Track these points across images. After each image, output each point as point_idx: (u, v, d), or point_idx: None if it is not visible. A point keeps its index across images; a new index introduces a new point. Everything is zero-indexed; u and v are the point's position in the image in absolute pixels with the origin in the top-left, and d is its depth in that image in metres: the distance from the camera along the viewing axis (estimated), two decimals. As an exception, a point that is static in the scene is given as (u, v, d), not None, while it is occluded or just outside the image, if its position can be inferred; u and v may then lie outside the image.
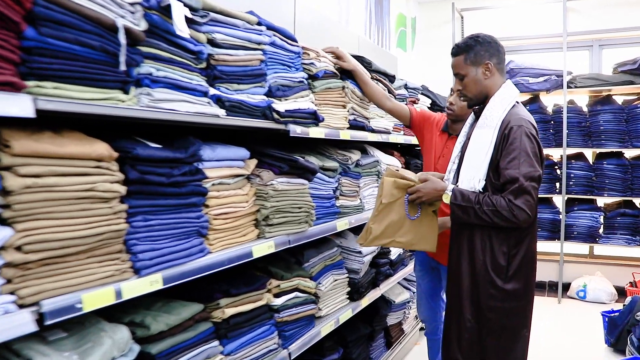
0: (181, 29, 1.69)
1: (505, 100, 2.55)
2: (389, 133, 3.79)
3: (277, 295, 2.51)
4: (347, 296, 3.24)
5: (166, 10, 1.70)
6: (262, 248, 2.28)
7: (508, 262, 2.50)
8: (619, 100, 6.32)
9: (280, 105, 2.39)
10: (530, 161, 2.38)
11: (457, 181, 2.68)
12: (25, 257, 1.34)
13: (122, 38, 1.49)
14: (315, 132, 2.68)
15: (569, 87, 6.28)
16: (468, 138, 2.69)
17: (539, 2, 6.90)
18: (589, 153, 6.67)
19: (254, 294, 2.33)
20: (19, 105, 1.28)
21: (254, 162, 2.34)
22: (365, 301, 3.43)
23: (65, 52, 1.41)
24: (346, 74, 3.06)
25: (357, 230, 3.63)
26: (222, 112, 2.02)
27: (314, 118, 2.64)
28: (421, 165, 4.30)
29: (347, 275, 3.22)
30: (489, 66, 2.58)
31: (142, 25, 1.62)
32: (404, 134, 4.24)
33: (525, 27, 6.99)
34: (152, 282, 1.72)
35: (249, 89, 2.23)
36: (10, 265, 1.32)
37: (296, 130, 2.50)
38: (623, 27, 6.52)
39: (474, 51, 2.58)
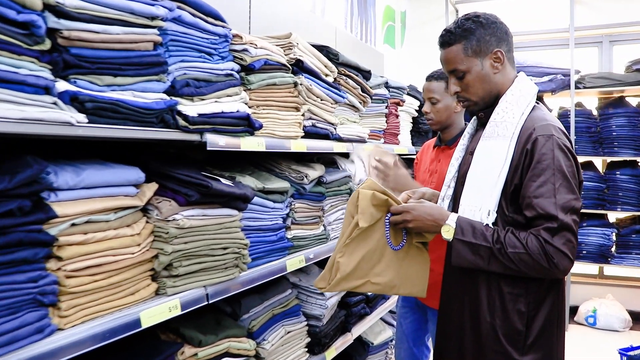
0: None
1: (522, 99, 1.86)
2: (364, 142, 3.10)
3: (194, 367, 1.83)
4: (306, 349, 2.55)
5: None
6: (159, 311, 1.59)
7: (527, 326, 1.79)
8: (633, 102, 5.68)
9: (191, 108, 1.70)
10: (568, 185, 1.70)
11: (453, 211, 1.98)
12: None
13: None
14: (250, 144, 1.98)
15: (576, 87, 5.64)
16: (469, 153, 2.00)
17: (541, -6, 6.26)
18: (600, 162, 6.02)
19: (154, 371, 1.65)
20: None
21: (153, 187, 1.66)
22: (331, 352, 2.74)
23: None
24: (299, 65, 2.36)
25: (321, 263, 2.95)
26: (79, 117, 1.33)
27: (247, 125, 1.95)
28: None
29: (305, 323, 2.53)
30: (499, 55, 1.89)
31: None
32: (385, 142, 3.56)
33: (528, 22, 6.32)
34: None
35: (134, 84, 1.54)
36: None
37: (218, 142, 1.81)
38: (636, 21, 5.84)
39: (476, 37, 1.87)
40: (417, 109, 4.20)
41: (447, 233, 1.84)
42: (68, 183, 1.39)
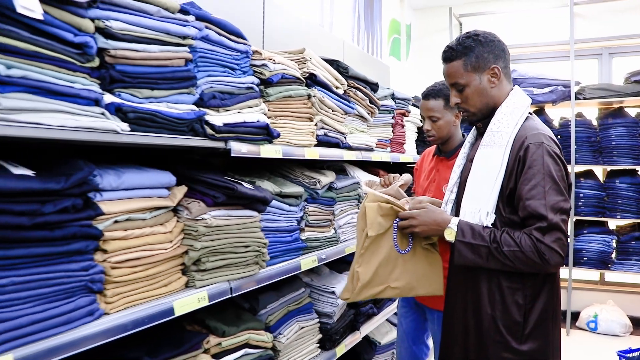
0: (25, 5, 1.18)
1: (516, 111, 2.04)
2: (372, 150, 3.27)
3: (217, 356, 1.99)
4: (318, 345, 2.71)
5: (12, -20, 1.19)
6: (190, 301, 1.76)
7: (524, 317, 1.95)
8: (632, 112, 5.79)
9: (217, 118, 1.88)
10: (557, 188, 1.88)
11: (456, 215, 2.15)
12: None
13: None
14: (269, 151, 2.16)
15: (577, 98, 5.76)
16: (469, 160, 2.18)
17: (543, 8, 6.41)
18: (600, 171, 6.14)
19: (181, 357, 1.81)
20: None
21: (183, 190, 1.83)
22: (341, 349, 2.89)
23: None
24: (312, 79, 2.53)
25: (333, 265, 3.12)
26: (123, 126, 1.51)
27: (267, 133, 2.13)
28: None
29: (317, 320, 2.68)
30: (496, 71, 2.07)
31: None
32: (392, 151, 3.72)
33: (529, 34, 6.50)
34: (-4, 369, 1.20)
35: (168, 97, 1.71)
36: None
37: (241, 149, 1.99)
38: (634, 33, 6.01)
39: (475, 54, 2.05)
40: (421, 119, 4.37)
41: (450, 235, 2.02)
42: (111, 184, 1.56)
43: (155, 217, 1.72)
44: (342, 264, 3.21)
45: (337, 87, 2.79)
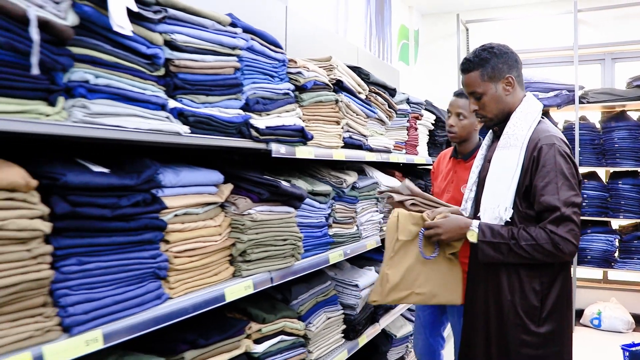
0: (120, 24, 1.35)
1: (529, 115, 2.24)
2: (390, 152, 3.45)
3: (258, 341, 2.15)
4: (342, 335, 2.87)
5: (103, 2, 1.36)
6: (238, 289, 1.93)
7: (541, 302, 2.15)
8: (634, 116, 5.97)
9: (260, 121, 2.05)
10: (569, 184, 2.07)
11: (475, 211, 2.34)
12: None
13: (34, 33, 1.15)
14: (303, 152, 2.33)
15: (581, 102, 5.93)
16: (487, 161, 2.36)
17: (548, 14, 6.59)
18: (603, 172, 6.32)
19: (229, 341, 1.97)
20: None
21: (229, 187, 2.00)
22: (363, 339, 3.06)
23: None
24: (339, 85, 2.71)
25: (353, 260, 3.29)
26: (185, 128, 1.68)
27: (302, 136, 2.30)
28: (428, 191, 3.98)
29: (342, 311, 2.85)
30: (510, 80, 2.26)
31: (70, 19, 1.28)
32: (406, 153, 3.89)
33: (534, 40, 6.68)
34: (88, 342, 1.36)
35: (220, 102, 1.89)
36: None
37: (280, 150, 2.15)
38: (636, 39, 6.19)
39: (491, 65, 2.25)
40: (433, 122, 4.54)
41: (472, 237, 2.22)
42: (171, 182, 1.73)
43: (207, 212, 1.88)
44: (361, 260, 3.38)
45: (359, 93, 2.96)
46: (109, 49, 1.44)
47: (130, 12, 1.45)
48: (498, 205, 2.19)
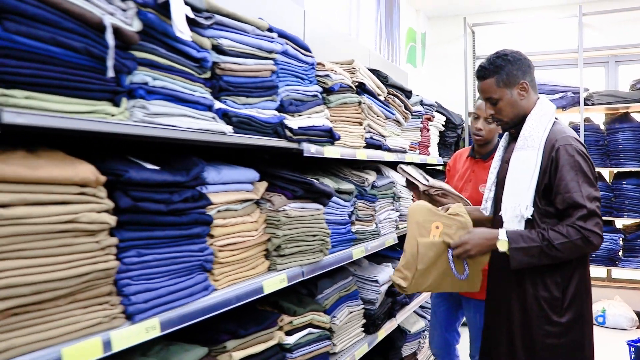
0: (182, 30, 1.44)
1: (544, 117, 2.34)
2: (405, 152, 3.54)
3: (289, 333, 2.24)
4: (363, 329, 2.96)
5: (164, 9, 1.45)
6: (274, 282, 2.01)
7: (562, 293, 2.25)
8: (638, 117, 6.08)
9: (293, 122, 2.14)
10: (589, 181, 2.18)
11: (495, 210, 2.44)
12: (-12, 307, 1.08)
13: (110, 39, 1.24)
14: (331, 152, 2.42)
15: (585, 104, 6.03)
16: (505, 162, 2.45)
17: (553, 18, 6.69)
18: (607, 173, 6.43)
19: (264, 333, 2.05)
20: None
21: (264, 185, 2.09)
22: (381, 333, 3.15)
23: (39, 55, 1.15)
24: (362, 87, 2.80)
25: (371, 257, 3.38)
26: (229, 128, 1.77)
27: (330, 136, 2.39)
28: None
29: (362, 306, 2.94)
30: (525, 85, 2.35)
31: (135, 25, 1.37)
32: (420, 154, 3.99)
33: (540, 43, 6.78)
34: (148, 329, 1.45)
35: (258, 103, 1.98)
36: (-30, 317, 1.06)
37: (310, 149, 2.24)
38: (639, 43, 6.30)
39: (506, 71, 2.34)
40: (444, 123, 4.63)
41: (503, 246, 2.25)
42: (214, 179, 1.81)
43: (244, 208, 1.97)
44: (377, 257, 3.48)
45: (379, 95, 3.05)
46: (165, 52, 1.53)
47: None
48: (519, 203, 2.28)
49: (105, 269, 1.33)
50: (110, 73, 1.25)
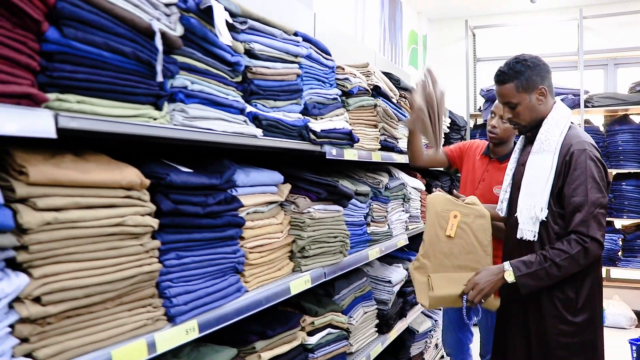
0: (224, 35, 1.45)
1: (560, 122, 2.37)
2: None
3: (310, 334, 2.26)
4: (376, 329, 2.99)
5: (205, 14, 1.47)
6: (299, 283, 2.04)
7: (576, 294, 2.28)
8: (637, 119, 6.15)
9: (316, 125, 2.16)
10: (597, 187, 2.21)
11: (509, 211, 2.48)
12: (45, 310, 1.10)
13: (159, 44, 1.25)
14: (350, 154, 2.44)
15: (585, 106, 6.09)
16: (520, 164, 2.48)
17: (553, 21, 6.75)
18: (606, 174, 6.44)
19: (288, 333, 2.07)
20: (39, 123, 1.04)
21: (288, 187, 2.10)
22: (393, 333, 3.18)
23: (92, 59, 1.17)
24: (377, 90, 2.82)
25: (383, 258, 3.40)
26: (259, 131, 1.79)
27: (350, 139, 2.41)
28: (447, 187, 4.09)
29: (376, 306, 2.96)
30: (543, 91, 2.38)
31: (178, 30, 1.39)
32: (427, 155, 4.01)
33: (540, 46, 6.82)
34: (187, 330, 1.47)
35: (285, 106, 2.00)
36: (26, 320, 1.07)
37: (332, 152, 2.27)
38: (638, 46, 6.38)
39: (525, 77, 2.36)
40: (449, 125, 4.67)
41: (510, 276, 2.28)
42: (243, 181, 1.83)
43: (270, 210, 1.99)
44: (387, 258, 3.50)
45: (391, 97, 3.08)
46: (202, 57, 1.55)
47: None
48: (534, 206, 2.32)
49: (150, 271, 1.35)
50: (160, 77, 1.27)
